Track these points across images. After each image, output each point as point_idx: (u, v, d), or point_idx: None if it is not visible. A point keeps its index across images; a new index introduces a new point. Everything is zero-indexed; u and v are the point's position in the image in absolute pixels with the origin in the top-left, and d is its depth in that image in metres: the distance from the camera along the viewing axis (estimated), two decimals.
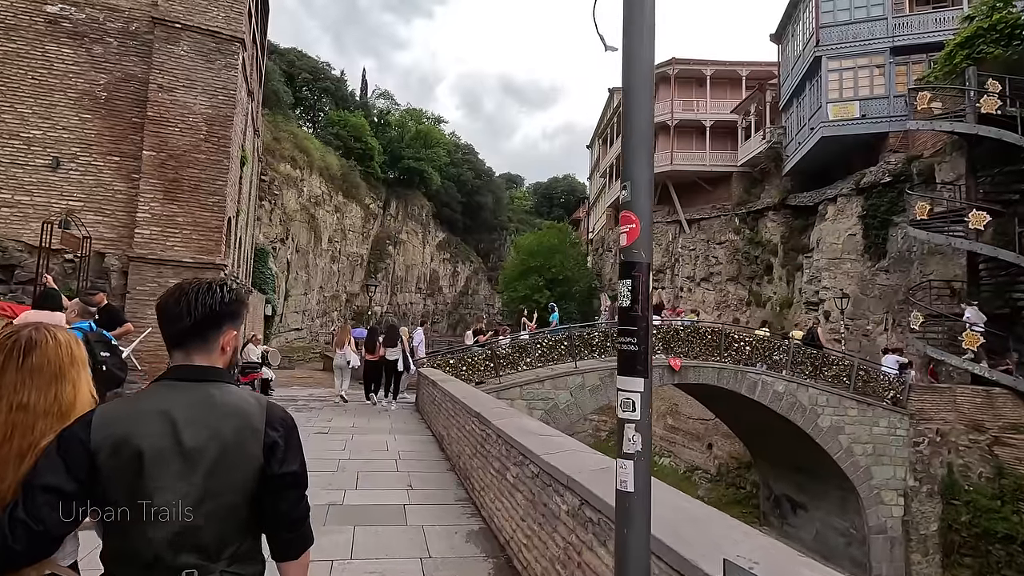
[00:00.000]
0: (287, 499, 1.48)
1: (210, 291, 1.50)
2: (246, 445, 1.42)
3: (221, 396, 1.46)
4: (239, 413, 1.45)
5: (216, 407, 1.43)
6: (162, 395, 1.44)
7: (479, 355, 12.83)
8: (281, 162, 34.96)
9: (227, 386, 1.50)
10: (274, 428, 1.47)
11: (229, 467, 1.40)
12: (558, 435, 4.60)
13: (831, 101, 22.16)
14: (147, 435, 1.36)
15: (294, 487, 1.49)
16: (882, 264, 20.57)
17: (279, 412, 1.53)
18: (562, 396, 12.61)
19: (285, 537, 1.51)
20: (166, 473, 1.35)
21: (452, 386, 8.33)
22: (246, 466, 1.42)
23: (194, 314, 1.46)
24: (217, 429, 1.41)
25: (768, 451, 16.19)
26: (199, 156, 10.22)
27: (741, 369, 13.26)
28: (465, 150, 63.11)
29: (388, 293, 51.73)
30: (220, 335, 1.52)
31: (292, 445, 1.49)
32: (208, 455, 1.38)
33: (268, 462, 1.44)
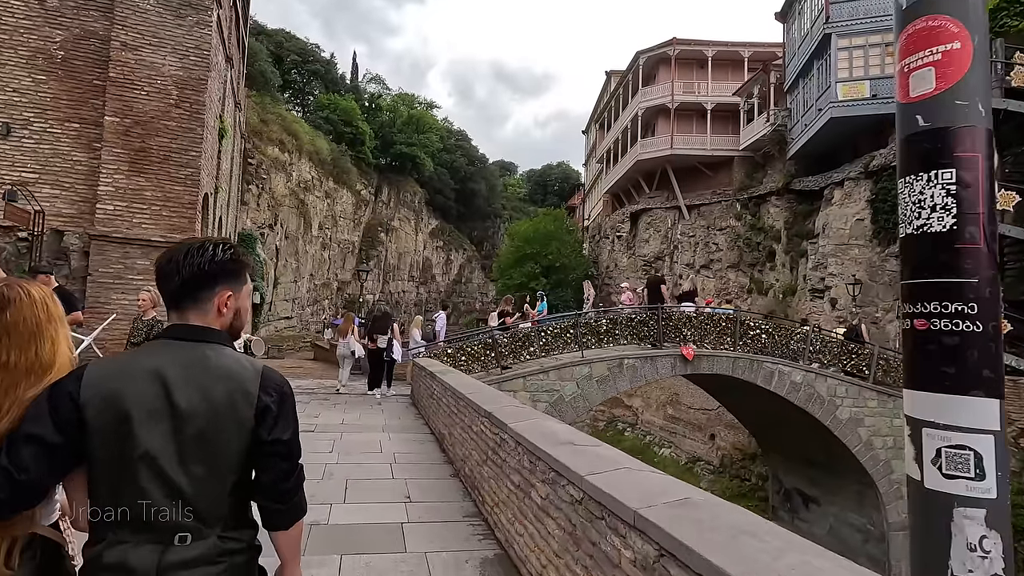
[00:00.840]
0: (276, 469, 1.44)
1: (202, 249, 1.47)
2: (237, 408, 1.38)
3: (216, 358, 1.42)
4: (233, 375, 1.40)
5: (210, 368, 1.39)
6: (156, 353, 1.41)
7: (478, 344, 11.89)
8: (269, 145, 33.62)
9: (223, 348, 1.45)
10: (267, 393, 1.42)
11: (219, 430, 1.36)
12: (594, 443, 3.66)
13: (841, 80, 21.24)
14: (137, 393, 1.33)
15: (284, 457, 1.44)
16: (892, 250, 19.77)
17: (275, 377, 1.48)
18: (568, 388, 11.71)
19: (274, 507, 1.46)
20: (155, 433, 1.32)
21: (453, 379, 7.38)
22: (237, 430, 1.38)
23: (183, 272, 1.43)
24: (209, 390, 1.37)
25: (779, 443, 15.42)
26: (169, 123, 9.11)
27: (757, 358, 12.40)
28: (458, 136, 61.75)
29: (380, 281, 50.59)
30: (213, 295, 1.47)
31: (285, 412, 1.45)
32: (198, 416, 1.34)
33: (258, 427, 1.40)
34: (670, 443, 24.64)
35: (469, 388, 6.30)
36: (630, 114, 32.45)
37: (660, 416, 25.74)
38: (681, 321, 12.38)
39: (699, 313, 12.56)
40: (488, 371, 11.80)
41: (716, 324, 12.51)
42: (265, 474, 1.43)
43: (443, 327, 13.23)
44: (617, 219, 35.08)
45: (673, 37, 30.22)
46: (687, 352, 12.02)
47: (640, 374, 12.03)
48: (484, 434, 5.01)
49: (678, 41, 30.21)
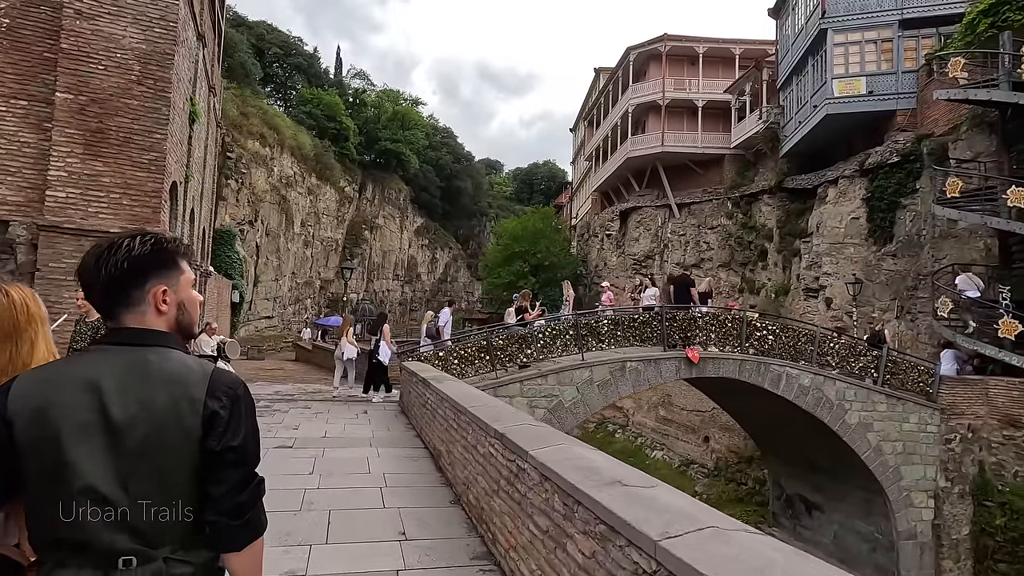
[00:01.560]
0: (227, 480, 1.27)
1: (118, 246, 1.29)
2: (182, 416, 1.24)
3: (158, 362, 1.27)
4: (176, 380, 1.26)
5: (150, 374, 1.25)
6: (90, 361, 1.27)
7: (472, 346, 11.05)
8: (249, 139, 32.39)
9: (167, 351, 1.30)
10: (216, 397, 1.28)
11: (162, 442, 1.22)
12: (649, 482, 2.87)
13: (837, 77, 20.77)
14: (67, 405, 1.20)
15: (236, 466, 1.28)
16: (889, 248, 19.34)
17: (226, 378, 1.32)
18: (567, 393, 10.93)
19: (225, 524, 1.27)
20: (88, 449, 1.18)
21: (450, 388, 6.55)
22: (182, 441, 1.23)
23: (103, 274, 1.27)
24: (149, 399, 1.23)
25: (781, 448, 14.83)
26: (130, 102, 8.12)
27: (764, 361, 11.74)
28: (444, 133, 60.78)
29: (364, 280, 49.43)
30: (145, 293, 1.31)
31: (237, 416, 1.29)
32: (137, 429, 1.21)
33: (206, 436, 1.25)
34: (662, 445, 24.04)
35: (471, 400, 5.47)
36: (620, 111, 31.82)
37: (652, 418, 25.13)
38: (686, 322, 11.67)
39: (704, 313, 11.86)
40: (482, 376, 10.97)
41: (722, 325, 11.82)
42: (215, 487, 1.27)
43: (448, 323, 12.38)
44: (606, 217, 34.44)
45: (664, 33, 29.64)
46: (693, 354, 11.32)
47: (643, 377, 11.30)
48: (495, 459, 4.20)
49: (669, 37, 29.63)
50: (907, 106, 19.93)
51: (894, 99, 20.09)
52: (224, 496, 1.28)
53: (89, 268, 1.29)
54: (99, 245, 1.31)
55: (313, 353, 25.29)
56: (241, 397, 1.32)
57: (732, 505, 18.10)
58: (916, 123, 19.72)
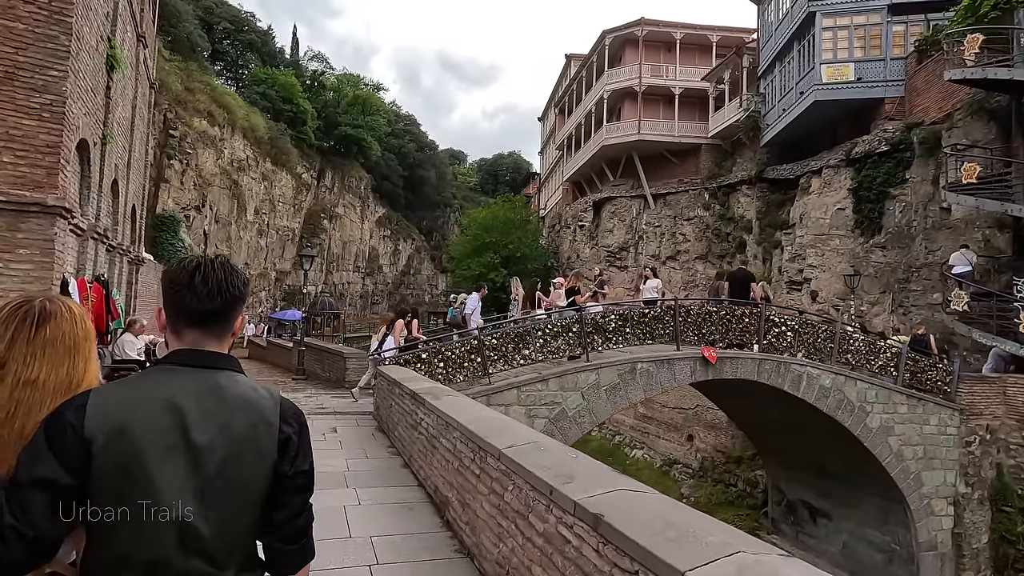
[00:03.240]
0: (295, 503, 1.30)
1: (234, 271, 1.34)
2: (260, 441, 1.25)
3: (232, 386, 1.27)
4: (252, 406, 1.27)
5: (226, 399, 1.24)
6: (165, 381, 1.24)
7: (461, 346, 9.27)
8: (195, 116, 29.34)
9: (236, 375, 1.31)
10: (288, 423, 1.30)
11: (240, 465, 1.22)
12: None
13: (825, 62, 19.83)
14: (150, 426, 1.17)
15: (303, 491, 1.32)
16: (877, 240, 18.55)
17: (292, 407, 1.35)
18: (571, 399, 9.32)
19: (286, 549, 1.29)
20: (170, 470, 1.16)
21: (457, 408, 4.80)
22: (259, 465, 1.24)
23: (225, 295, 1.29)
24: (228, 423, 1.22)
25: (783, 451, 13.69)
26: (13, 24, 5.95)
27: (784, 360, 10.44)
28: (406, 121, 58.12)
29: (323, 272, 46.59)
30: (237, 319, 1.36)
31: (305, 443, 1.33)
32: (218, 451, 1.20)
33: (281, 460, 1.27)
34: (642, 444, 22.84)
35: (502, 435, 3.73)
36: (595, 97, 30.37)
37: (630, 415, 23.89)
38: (700, 317, 10.22)
39: (720, 307, 10.45)
40: (473, 382, 9.23)
41: (739, 320, 10.44)
42: (280, 511, 1.28)
43: (477, 310, 10.55)
44: (579, 208, 33.03)
45: (641, 17, 28.30)
46: (709, 354, 9.89)
47: (656, 380, 9.80)
48: (552, 530, 2.52)
49: (646, 21, 28.31)
50: (895, 94, 19.17)
51: (882, 86, 19.29)
52: (287, 521, 1.28)
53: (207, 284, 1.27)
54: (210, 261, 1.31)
55: (268, 350, 22.89)
56: (305, 424, 1.35)
57: (723, 508, 16.96)
58: (905, 111, 18.98)
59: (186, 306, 1.26)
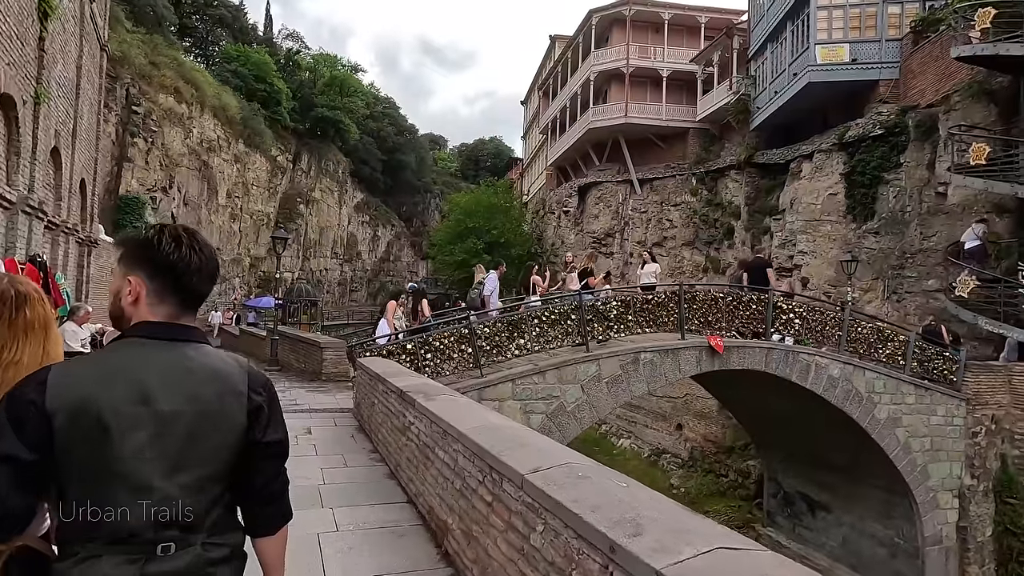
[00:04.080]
0: (268, 469, 1.33)
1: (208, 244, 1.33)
2: (229, 410, 1.26)
3: (199, 357, 1.27)
4: (220, 376, 1.28)
5: (194, 370, 1.25)
6: (131, 354, 1.23)
7: (449, 335, 8.38)
8: (161, 92, 27.58)
9: (204, 346, 1.31)
10: (258, 393, 1.31)
11: (208, 433, 1.23)
12: None
13: (820, 43, 19.20)
14: (113, 398, 1.16)
15: (277, 457, 1.35)
16: (870, 226, 18.10)
17: (261, 376, 1.36)
18: (570, 392, 8.52)
19: (263, 511, 1.36)
20: (136, 441, 1.17)
21: (449, 407, 3.94)
22: (227, 433, 1.26)
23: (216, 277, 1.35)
24: (195, 393, 1.23)
25: (782, 441, 13.17)
26: None
27: (793, 349, 9.80)
28: (385, 103, 56.35)
29: (300, 258, 44.99)
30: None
31: (276, 411, 1.35)
32: (184, 420, 1.21)
33: (251, 428, 1.29)
34: (629, 433, 22.30)
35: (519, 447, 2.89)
36: (581, 78, 29.41)
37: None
38: (706, 303, 9.49)
39: (727, 293, 9.74)
40: (463, 374, 8.37)
41: (746, 306, 9.74)
42: (256, 476, 1.32)
43: (495, 291, 9.59)
44: (564, 193, 32.17)
45: None
46: (716, 343, 9.18)
47: (660, 372, 9.06)
48: None
49: (634, 1, 27.37)
50: (890, 76, 18.66)
51: (877, 68, 18.76)
52: (264, 485, 1.33)
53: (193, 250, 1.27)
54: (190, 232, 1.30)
55: (240, 339, 21.66)
56: (275, 394, 1.36)
57: (714, 499, 16.50)
58: (899, 95, 18.49)
59: (184, 285, 1.26)
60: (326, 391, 9.82)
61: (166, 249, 1.24)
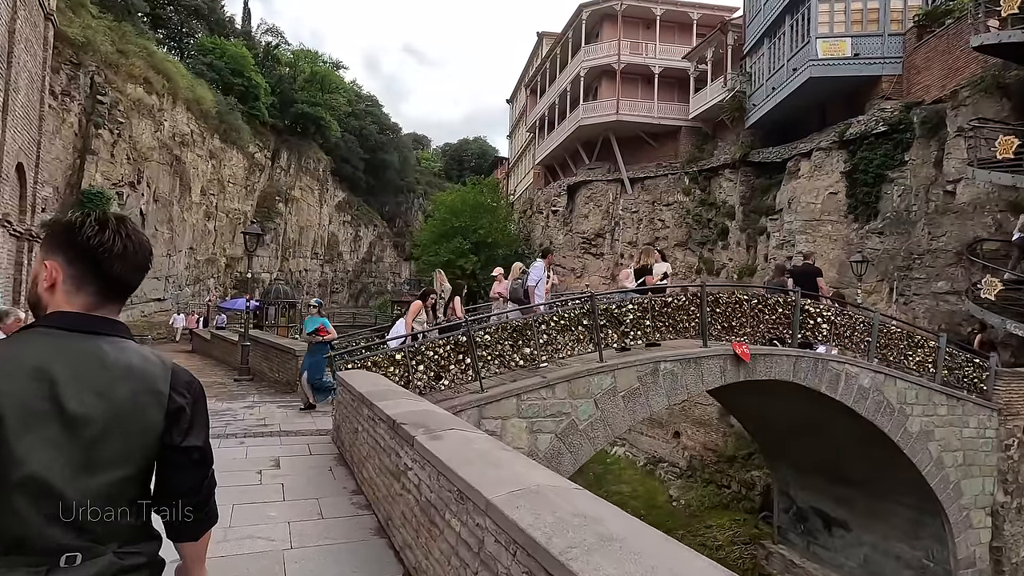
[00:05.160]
0: (188, 477, 1.22)
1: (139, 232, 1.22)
2: (144, 410, 1.14)
3: (116, 353, 1.15)
4: (138, 374, 1.15)
5: (109, 366, 1.13)
6: (38, 345, 1.11)
7: (445, 345, 7.18)
8: (129, 82, 25.83)
9: (124, 341, 1.18)
10: (180, 393, 1.20)
11: (121, 435, 1.11)
12: None
13: (821, 36, 18.44)
14: (14, 393, 1.05)
15: (199, 464, 1.22)
16: (874, 225, 17.35)
17: (186, 375, 1.25)
18: (583, 408, 7.39)
19: (184, 518, 1.23)
20: (36, 439, 1.05)
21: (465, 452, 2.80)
22: (142, 435, 1.14)
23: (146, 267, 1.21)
24: (109, 390, 1.11)
25: (795, 454, 12.22)
26: None
27: (821, 357, 8.82)
28: (368, 101, 54.75)
29: (278, 258, 43.23)
30: None
31: (199, 414, 1.23)
32: (95, 420, 1.09)
33: (169, 431, 1.18)
34: (624, 440, 21.26)
35: (604, 546, 1.76)
36: (570, 75, 28.40)
37: None
38: (730, 306, 8.45)
39: (751, 295, 8.71)
40: (460, 388, 7.18)
41: (772, 310, 8.73)
42: (176, 483, 1.21)
43: (542, 281, 8.24)
44: (552, 192, 31.13)
45: None
46: (742, 351, 8.14)
47: (681, 384, 7.99)
48: None
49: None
50: (893, 71, 17.96)
51: (880, 63, 18.05)
52: (184, 493, 1.22)
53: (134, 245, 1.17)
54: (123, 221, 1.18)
55: (213, 344, 20.12)
56: (202, 395, 1.25)
57: (717, 512, 15.53)
58: (903, 90, 17.80)
59: (105, 272, 1.15)
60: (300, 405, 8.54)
61: (87, 232, 1.13)
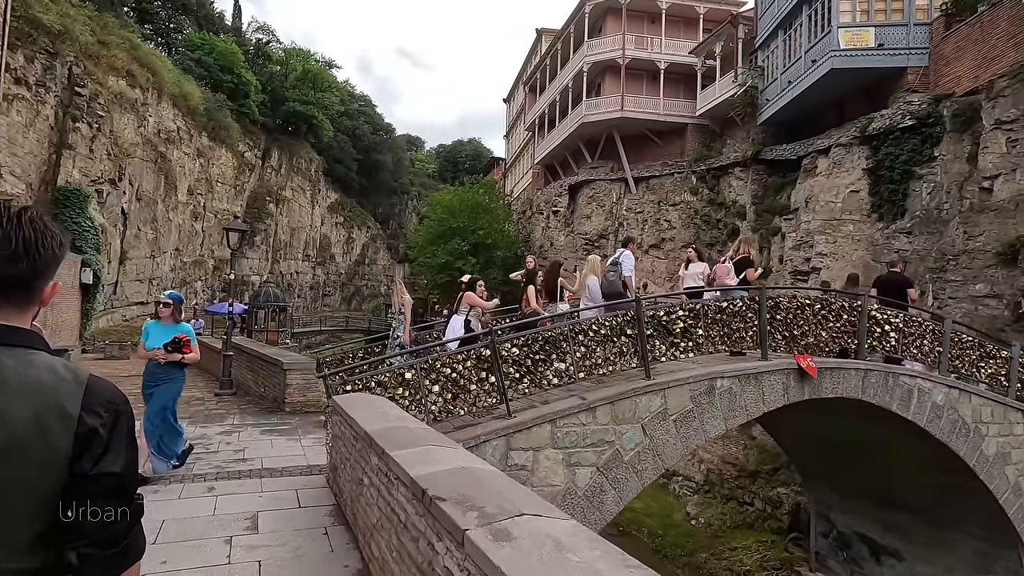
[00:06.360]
0: (103, 510, 1.00)
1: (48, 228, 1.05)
2: (47, 434, 0.97)
3: (18, 367, 0.99)
4: (42, 391, 0.98)
5: (7, 382, 0.97)
6: None
7: (462, 359, 5.85)
8: (111, 74, 24.26)
9: (31, 353, 1.02)
10: (94, 412, 1.01)
11: (19, 463, 0.95)
12: None
13: (843, 26, 17.35)
14: None
15: (113, 495, 1.00)
16: (901, 225, 16.22)
17: (106, 391, 1.05)
18: (628, 435, 6.09)
19: (97, 555, 0.99)
20: None
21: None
22: (46, 463, 0.96)
23: (33, 257, 1.02)
24: (3, 411, 0.95)
25: (839, 474, 10.98)
26: None
27: (892, 371, 7.60)
28: (361, 101, 53.27)
29: (269, 260, 41.64)
30: (46, 287, 1.08)
31: (117, 436, 1.02)
32: None
33: (79, 458, 0.98)
34: None
35: None
36: (573, 70, 27.20)
37: None
38: (791, 311, 7.19)
39: (814, 299, 7.46)
40: (482, 413, 5.86)
41: (837, 316, 7.48)
42: (87, 515, 0.98)
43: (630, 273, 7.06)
44: (553, 192, 29.88)
45: None
46: (808, 364, 6.88)
47: (739, 404, 6.71)
48: None
49: None
50: (919, 63, 16.89)
51: (905, 54, 16.96)
52: (98, 526, 0.99)
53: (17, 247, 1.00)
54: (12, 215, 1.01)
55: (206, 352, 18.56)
56: (123, 413, 1.06)
57: (741, 533, 14.27)
58: (929, 83, 16.74)
59: None
60: (289, 432, 7.18)
61: None
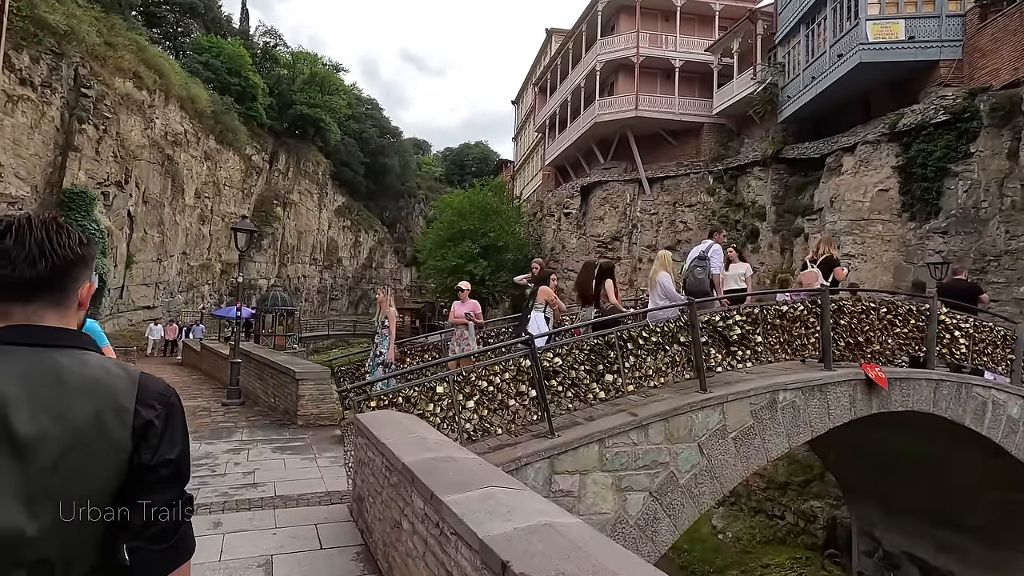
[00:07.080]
0: (158, 499, 0.99)
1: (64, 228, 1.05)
2: (108, 430, 0.97)
3: (75, 367, 0.99)
4: (100, 389, 0.98)
5: (66, 382, 0.97)
6: None
7: (500, 371, 5.16)
8: (117, 76, 23.79)
9: (84, 353, 1.02)
10: (148, 405, 1.01)
11: (82, 461, 0.95)
12: None
13: (871, 18, 16.64)
14: None
15: (170, 482, 1.01)
16: (935, 224, 15.44)
17: (157, 385, 1.06)
18: (684, 456, 5.39)
19: (151, 550, 0.99)
20: None
21: None
22: (107, 459, 0.96)
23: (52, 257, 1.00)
24: (66, 410, 0.95)
25: (888, 490, 10.21)
26: None
27: (965, 381, 6.87)
28: (368, 104, 52.82)
29: (276, 264, 41.11)
30: (79, 287, 1.07)
31: (173, 426, 1.03)
32: (50, 445, 0.93)
33: (138, 450, 0.98)
34: None
35: None
36: (585, 69, 26.55)
37: None
38: (855, 316, 6.47)
39: (880, 302, 6.74)
40: (517, 432, 5.16)
41: (904, 321, 6.76)
42: (142, 507, 0.98)
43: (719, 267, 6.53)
44: (564, 194, 29.21)
45: None
46: (877, 374, 6.16)
47: (803, 419, 6.00)
48: None
49: None
50: (952, 56, 16.16)
51: (937, 47, 16.23)
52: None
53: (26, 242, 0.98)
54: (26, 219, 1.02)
55: (202, 356, 18.00)
56: (176, 406, 1.07)
57: (773, 548, 13.49)
58: (963, 76, 16.00)
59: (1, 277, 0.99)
60: (304, 449, 6.49)
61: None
